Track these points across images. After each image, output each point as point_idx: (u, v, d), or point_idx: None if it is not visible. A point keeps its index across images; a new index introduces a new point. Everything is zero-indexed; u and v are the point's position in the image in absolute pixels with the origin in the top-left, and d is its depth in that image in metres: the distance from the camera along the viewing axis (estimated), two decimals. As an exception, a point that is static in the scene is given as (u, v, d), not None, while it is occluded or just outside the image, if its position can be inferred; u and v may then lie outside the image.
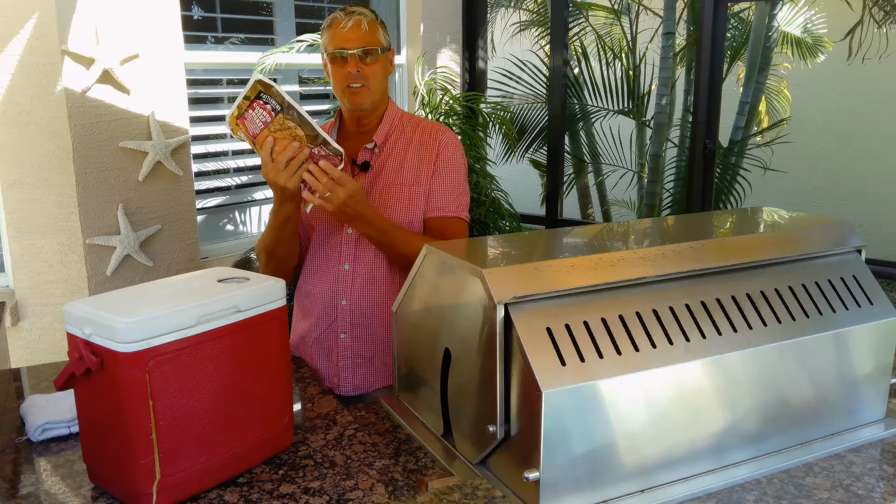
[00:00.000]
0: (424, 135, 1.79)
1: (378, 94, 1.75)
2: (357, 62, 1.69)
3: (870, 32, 4.62)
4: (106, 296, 1.18)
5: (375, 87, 1.73)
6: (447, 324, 1.29)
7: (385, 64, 1.76)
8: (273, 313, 1.25)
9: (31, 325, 2.69)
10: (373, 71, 1.71)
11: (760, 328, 1.26)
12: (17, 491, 1.17)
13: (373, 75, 1.71)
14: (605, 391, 1.12)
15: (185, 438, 1.13)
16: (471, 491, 1.14)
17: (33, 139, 2.57)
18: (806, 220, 1.53)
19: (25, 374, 1.67)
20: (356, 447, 1.32)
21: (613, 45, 5.15)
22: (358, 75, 1.70)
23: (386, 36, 1.76)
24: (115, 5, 2.65)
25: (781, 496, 1.17)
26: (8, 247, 2.64)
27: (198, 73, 3.19)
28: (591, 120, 4.91)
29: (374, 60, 1.71)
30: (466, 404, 1.26)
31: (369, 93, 1.72)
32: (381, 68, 1.74)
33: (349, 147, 1.81)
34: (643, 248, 1.29)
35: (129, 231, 2.76)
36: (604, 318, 1.17)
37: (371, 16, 1.73)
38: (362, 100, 1.73)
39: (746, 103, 4.97)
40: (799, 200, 5.95)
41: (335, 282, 1.77)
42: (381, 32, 1.73)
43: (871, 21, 4.58)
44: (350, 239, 1.76)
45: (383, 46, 1.73)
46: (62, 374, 1.11)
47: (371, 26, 1.71)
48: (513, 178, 4.41)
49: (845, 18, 4.71)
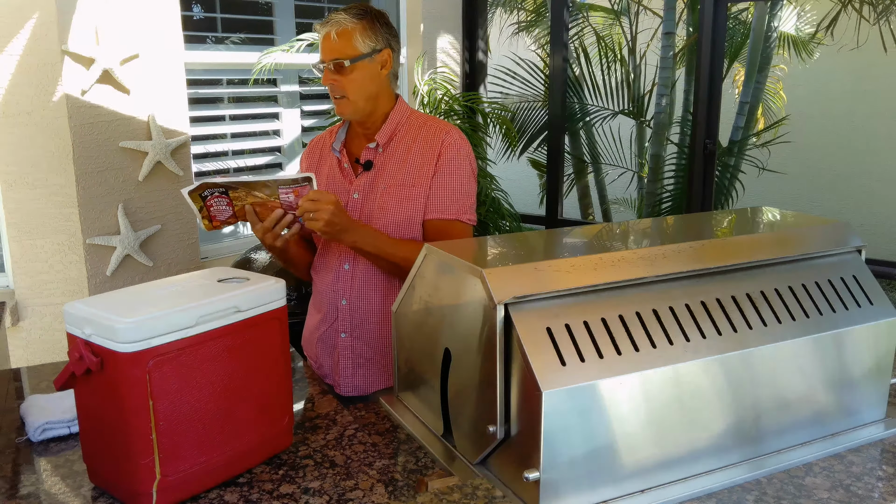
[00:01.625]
0: (430, 134, 1.74)
1: (361, 102, 1.70)
2: (330, 74, 1.67)
3: (850, 24, 4.62)
4: (106, 296, 1.18)
5: (356, 97, 1.69)
6: (447, 324, 1.29)
7: (367, 70, 1.68)
8: (273, 313, 1.25)
9: (31, 325, 2.69)
10: (348, 81, 1.67)
11: (760, 328, 1.26)
12: (17, 491, 1.17)
13: (349, 85, 1.67)
14: (605, 391, 1.12)
15: (185, 438, 1.13)
16: (471, 491, 1.14)
17: (33, 139, 2.57)
18: (806, 220, 1.53)
19: (25, 374, 1.67)
20: (356, 447, 1.32)
21: (613, 45, 5.16)
22: (333, 87, 1.68)
23: (373, 37, 1.67)
24: (115, 5, 2.65)
25: (781, 496, 1.17)
26: (8, 247, 2.64)
27: (198, 73, 3.19)
28: (592, 121, 4.91)
29: (348, 71, 1.66)
30: (466, 404, 1.26)
31: (349, 103, 1.69)
32: (359, 76, 1.67)
33: (356, 147, 1.80)
34: (643, 248, 1.29)
35: (129, 231, 2.76)
36: (604, 318, 1.17)
37: (347, 21, 1.65)
38: (343, 109, 1.71)
39: (746, 103, 4.97)
40: (798, 200, 5.95)
41: (336, 281, 1.78)
42: (359, 37, 1.65)
43: (851, 11, 4.59)
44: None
45: (360, 53, 1.65)
46: (62, 374, 1.11)
47: (343, 35, 1.65)
48: (512, 178, 4.41)
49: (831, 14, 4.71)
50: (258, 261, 2.90)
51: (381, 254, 1.67)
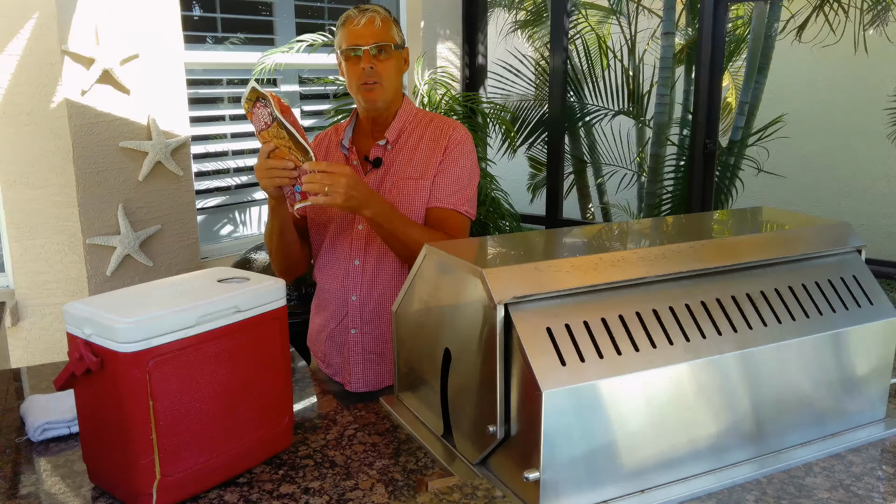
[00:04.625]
0: (436, 130, 1.78)
1: (391, 91, 1.74)
2: (370, 58, 1.69)
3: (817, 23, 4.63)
4: (106, 296, 1.18)
5: (389, 85, 1.73)
6: (447, 324, 1.29)
7: (399, 61, 1.75)
8: (273, 313, 1.25)
9: (31, 325, 2.69)
10: (386, 68, 1.71)
11: (760, 328, 1.26)
12: (17, 491, 1.17)
13: (386, 72, 1.71)
14: (605, 391, 1.12)
15: (185, 438, 1.13)
16: (471, 491, 1.14)
17: (33, 139, 2.57)
18: (806, 220, 1.53)
19: (25, 374, 1.67)
20: (356, 447, 1.32)
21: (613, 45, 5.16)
22: (371, 72, 1.70)
23: (400, 33, 1.76)
24: (115, 5, 2.65)
25: (781, 496, 1.17)
26: (8, 247, 2.64)
27: (198, 73, 3.19)
28: (591, 121, 4.91)
29: (387, 57, 1.71)
30: (466, 404, 1.26)
31: (382, 90, 1.72)
32: (394, 65, 1.73)
33: (364, 145, 1.82)
34: (643, 248, 1.29)
35: (129, 231, 2.76)
36: (604, 318, 1.17)
37: (384, 13, 1.73)
38: (376, 96, 1.72)
39: (746, 103, 4.97)
40: (798, 200, 5.95)
41: (346, 277, 1.78)
42: (394, 29, 1.73)
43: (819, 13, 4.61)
44: (361, 235, 1.77)
45: (397, 43, 1.73)
46: (62, 374, 1.11)
47: (384, 23, 1.71)
48: (512, 178, 4.41)
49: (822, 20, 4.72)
50: (258, 261, 2.90)
51: (397, 231, 1.66)
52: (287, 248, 1.80)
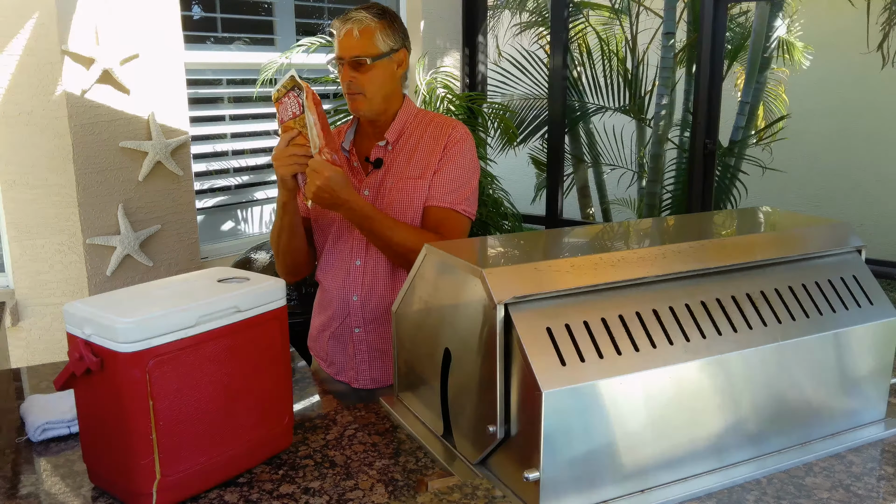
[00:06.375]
0: (436, 130, 1.78)
1: (377, 100, 1.73)
2: (349, 70, 1.69)
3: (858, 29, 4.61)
4: (106, 296, 1.18)
5: (373, 94, 1.71)
6: (447, 324, 1.29)
7: (385, 69, 1.71)
8: (273, 313, 1.25)
9: (31, 325, 2.69)
10: (368, 79, 1.69)
11: (760, 328, 1.26)
12: (17, 491, 1.17)
13: (368, 83, 1.69)
14: (605, 391, 1.12)
15: (185, 438, 1.13)
16: (471, 491, 1.14)
17: (33, 139, 2.57)
18: (806, 220, 1.53)
19: (25, 374, 1.67)
20: (356, 447, 1.32)
21: (612, 44, 5.16)
22: (352, 84, 1.70)
23: (392, 37, 1.71)
24: (115, 5, 2.65)
25: (781, 496, 1.17)
26: (8, 247, 2.64)
27: (198, 73, 3.19)
28: (591, 121, 4.91)
29: (368, 69, 1.68)
30: (466, 404, 1.26)
31: (365, 100, 1.71)
32: (378, 74, 1.70)
33: (365, 146, 1.82)
34: (643, 248, 1.29)
35: (129, 231, 2.76)
36: (604, 318, 1.17)
37: (369, 20, 1.67)
38: (358, 106, 1.73)
39: (746, 103, 4.97)
40: (799, 200, 5.95)
41: (347, 277, 1.78)
42: (379, 36, 1.68)
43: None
44: (362, 235, 1.76)
45: (381, 52, 1.68)
46: (62, 374, 1.11)
47: (365, 32, 1.67)
48: (513, 178, 4.41)
49: (823, 22, 4.70)
50: (258, 261, 2.90)
51: (377, 233, 1.67)
52: (294, 246, 1.79)
